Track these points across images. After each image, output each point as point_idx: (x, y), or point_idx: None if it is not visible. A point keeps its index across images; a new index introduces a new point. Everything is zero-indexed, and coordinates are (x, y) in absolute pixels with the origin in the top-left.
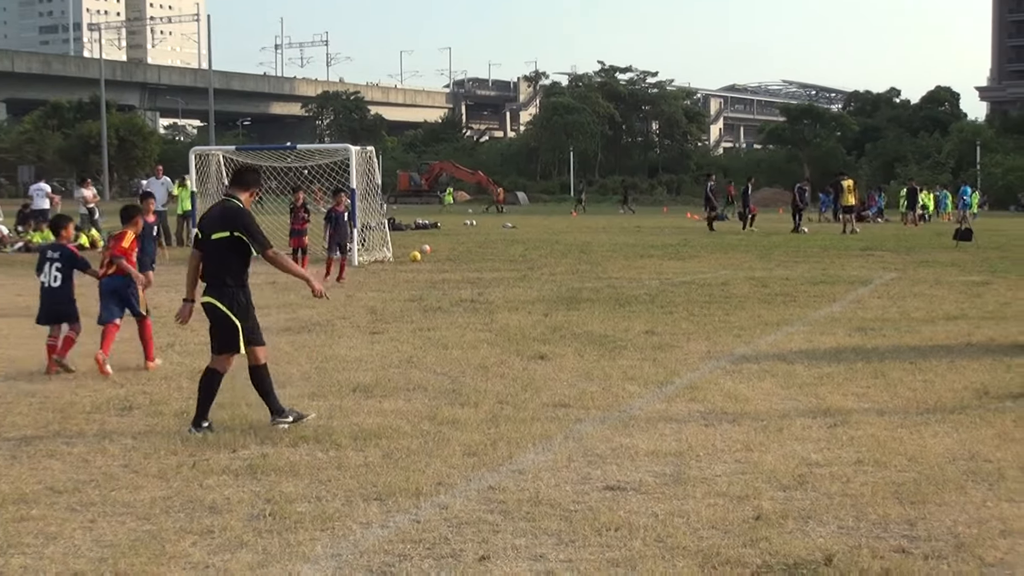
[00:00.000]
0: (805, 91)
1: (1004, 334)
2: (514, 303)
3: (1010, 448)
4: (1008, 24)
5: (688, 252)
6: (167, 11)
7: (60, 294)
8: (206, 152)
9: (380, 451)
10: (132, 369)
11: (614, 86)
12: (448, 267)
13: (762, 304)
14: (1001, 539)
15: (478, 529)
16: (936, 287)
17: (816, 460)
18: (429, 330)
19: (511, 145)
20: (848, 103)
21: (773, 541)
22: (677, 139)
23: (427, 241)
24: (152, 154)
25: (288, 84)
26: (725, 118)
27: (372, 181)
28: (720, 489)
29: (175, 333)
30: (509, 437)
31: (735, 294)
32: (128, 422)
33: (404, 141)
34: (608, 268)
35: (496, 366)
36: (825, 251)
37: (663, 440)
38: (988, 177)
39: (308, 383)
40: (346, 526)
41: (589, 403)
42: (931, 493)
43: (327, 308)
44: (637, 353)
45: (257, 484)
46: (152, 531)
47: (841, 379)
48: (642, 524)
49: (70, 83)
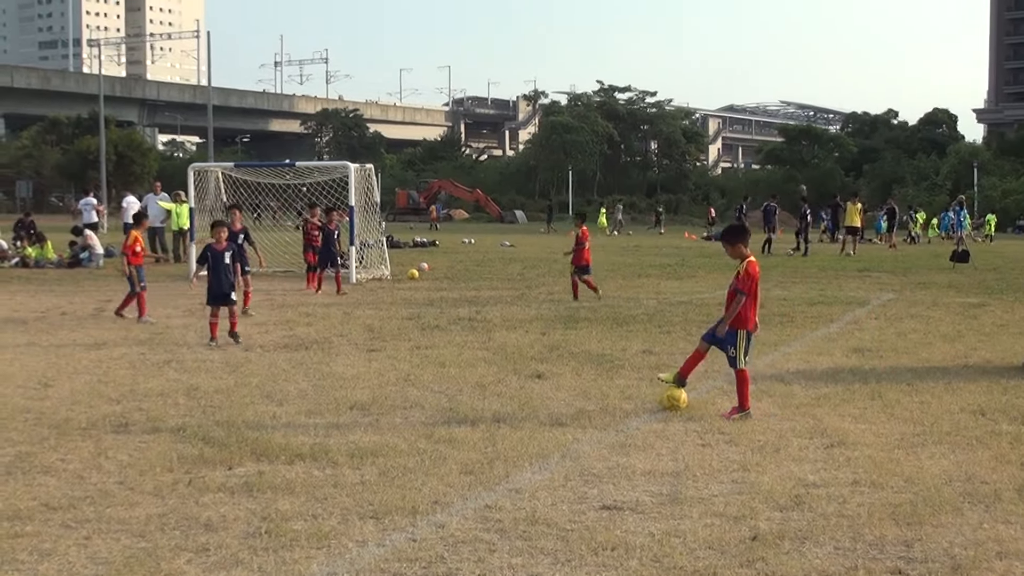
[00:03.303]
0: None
1: (1001, 356)
2: (512, 322)
3: (1006, 470)
4: (1006, 47)
5: (686, 272)
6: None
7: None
8: (205, 168)
9: (377, 469)
10: (127, 384)
11: (613, 105)
12: (446, 285)
13: (760, 324)
14: (997, 561)
15: (474, 548)
16: (933, 308)
17: (813, 481)
18: (427, 348)
19: (510, 164)
20: (846, 124)
21: (770, 562)
22: (676, 159)
23: (425, 259)
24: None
25: (287, 101)
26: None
27: (371, 199)
28: (717, 509)
29: (172, 351)
30: (506, 456)
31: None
32: (124, 439)
33: (403, 159)
34: (606, 287)
35: (493, 384)
36: (823, 272)
37: (660, 460)
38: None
39: (305, 400)
40: (342, 544)
41: (586, 422)
42: (927, 515)
43: (325, 326)
44: (634, 373)
45: (253, 502)
46: (147, 549)
47: (838, 400)
48: (639, 544)
49: (69, 99)
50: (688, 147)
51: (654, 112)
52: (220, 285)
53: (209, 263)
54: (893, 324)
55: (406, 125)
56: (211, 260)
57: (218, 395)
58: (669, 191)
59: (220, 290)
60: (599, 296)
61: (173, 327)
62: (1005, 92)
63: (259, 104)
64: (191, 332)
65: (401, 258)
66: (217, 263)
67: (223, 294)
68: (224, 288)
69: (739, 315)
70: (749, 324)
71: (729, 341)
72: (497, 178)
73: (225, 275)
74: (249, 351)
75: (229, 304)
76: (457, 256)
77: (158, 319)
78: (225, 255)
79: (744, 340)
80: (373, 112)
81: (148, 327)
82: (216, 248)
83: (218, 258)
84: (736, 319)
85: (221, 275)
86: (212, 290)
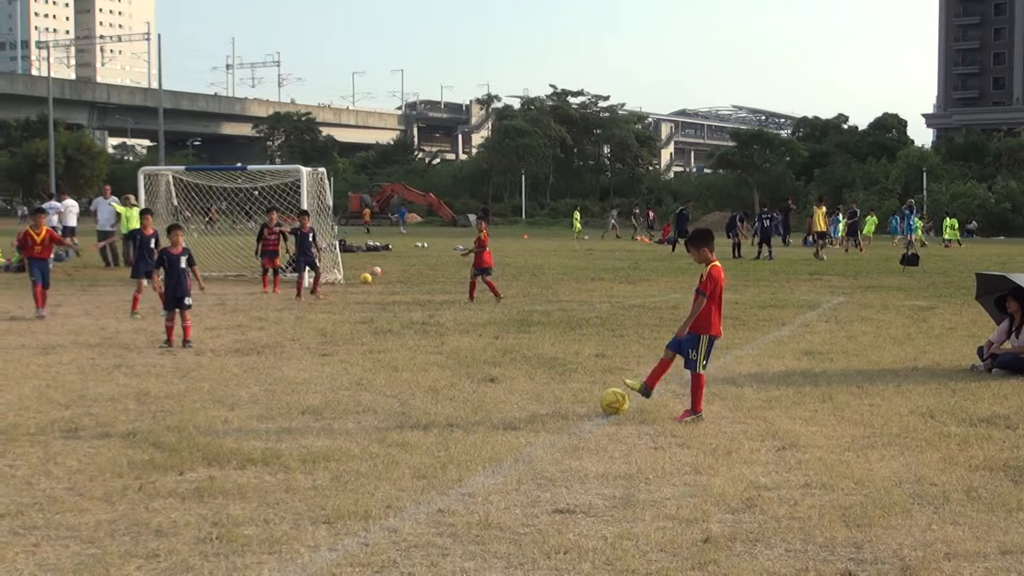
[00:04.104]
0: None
1: (949, 359)
2: (465, 325)
3: (955, 472)
4: (954, 52)
5: (639, 275)
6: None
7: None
8: (155, 172)
9: (329, 474)
10: (77, 389)
11: (566, 110)
12: (399, 289)
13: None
14: (946, 562)
15: (427, 553)
16: (883, 312)
17: (764, 483)
18: (379, 352)
19: (463, 167)
20: (797, 129)
21: (721, 564)
22: (628, 163)
23: (378, 263)
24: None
25: (239, 104)
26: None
27: (323, 202)
28: (669, 512)
29: (122, 355)
30: (459, 460)
31: (685, 318)
32: (73, 444)
33: (356, 163)
34: (559, 291)
35: (446, 389)
36: (774, 275)
37: (613, 463)
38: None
39: (257, 405)
40: (294, 550)
41: (539, 426)
42: (877, 516)
43: (277, 330)
44: (587, 376)
45: (204, 507)
46: (97, 555)
47: (789, 403)
48: (591, 547)
49: (17, 101)
50: (641, 151)
51: (607, 116)
52: (175, 289)
53: (165, 267)
54: (843, 327)
55: (359, 129)
56: (167, 264)
57: (169, 400)
58: (622, 195)
59: (175, 294)
60: (499, 300)
61: (123, 331)
62: (954, 97)
63: (210, 107)
64: (141, 336)
65: (354, 262)
66: (173, 267)
67: (178, 298)
68: (179, 292)
69: (702, 319)
70: (712, 329)
71: (690, 344)
72: (450, 182)
73: (180, 279)
74: (200, 355)
75: (183, 308)
76: (410, 260)
77: (107, 324)
78: (181, 259)
79: (706, 344)
80: (326, 116)
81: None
82: (172, 252)
83: (174, 262)
84: (699, 323)
85: (176, 279)
86: (167, 294)
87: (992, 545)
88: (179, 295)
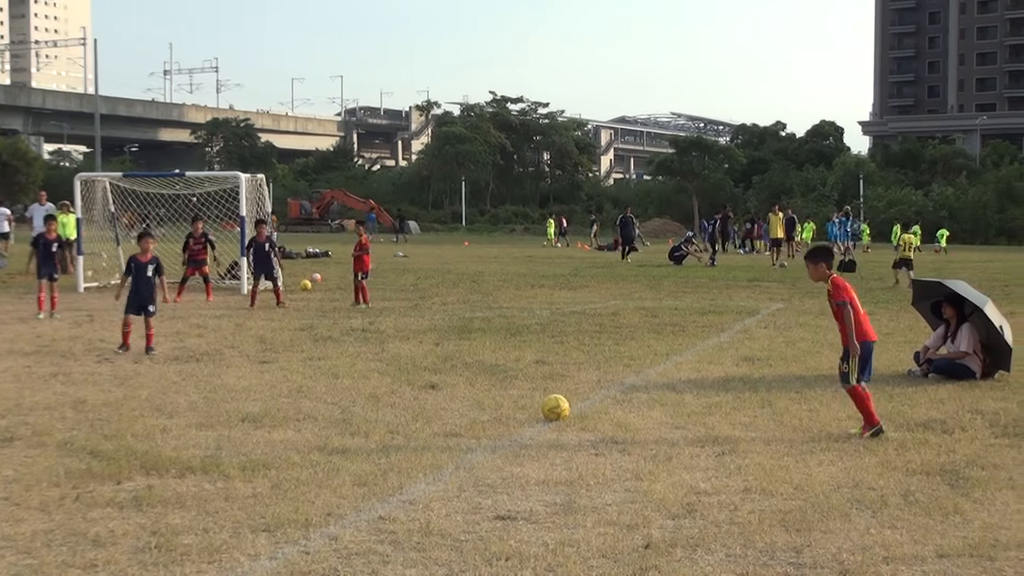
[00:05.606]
0: (694, 123)
1: (887, 364)
2: (405, 332)
3: (892, 476)
4: (890, 60)
5: (579, 282)
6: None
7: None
8: (92, 178)
9: (269, 482)
10: (12, 397)
11: (506, 116)
12: (339, 296)
13: (652, 334)
14: (884, 565)
15: (368, 560)
16: (821, 317)
17: (704, 489)
18: (319, 359)
19: (403, 174)
20: (736, 136)
21: (662, 570)
22: (568, 169)
23: (318, 270)
24: (36, 180)
25: (176, 110)
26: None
27: (262, 209)
28: (610, 518)
29: (59, 363)
30: (400, 467)
31: (625, 324)
32: (9, 453)
33: (295, 169)
34: (499, 298)
35: (387, 396)
36: (713, 282)
37: (553, 469)
38: (871, 210)
39: (196, 413)
40: (234, 558)
41: (480, 432)
42: (816, 521)
43: (215, 337)
44: (528, 383)
45: (142, 516)
46: (33, 565)
47: (729, 408)
48: (532, 553)
49: None
50: (580, 158)
51: (546, 123)
52: (139, 296)
53: (132, 274)
54: (782, 333)
55: (298, 135)
56: (134, 271)
57: (106, 408)
58: (562, 201)
59: (139, 300)
60: (366, 306)
61: (59, 339)
62: (890, 105)
63: (148, 113)
64: (78, 344)
65: (294, 269)
66: (139, 274)
67: (142, 304)
68: (143, 300)
69: (850, 329)
70: (866, 336)
71: (843, 357)
72: (390, 188)
73: (145, 286)
74: (139, 363)
75: (146, 315)
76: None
77: (43, 332)
78: (148, 267)
79: (858, 356)
80: (264, 122)
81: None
82: (140, 259)
83: (141, 269)
84: (848, 335)
85: (141, 286)
86: (131, 299)
87: (929, 548)
88: (143, 303)
